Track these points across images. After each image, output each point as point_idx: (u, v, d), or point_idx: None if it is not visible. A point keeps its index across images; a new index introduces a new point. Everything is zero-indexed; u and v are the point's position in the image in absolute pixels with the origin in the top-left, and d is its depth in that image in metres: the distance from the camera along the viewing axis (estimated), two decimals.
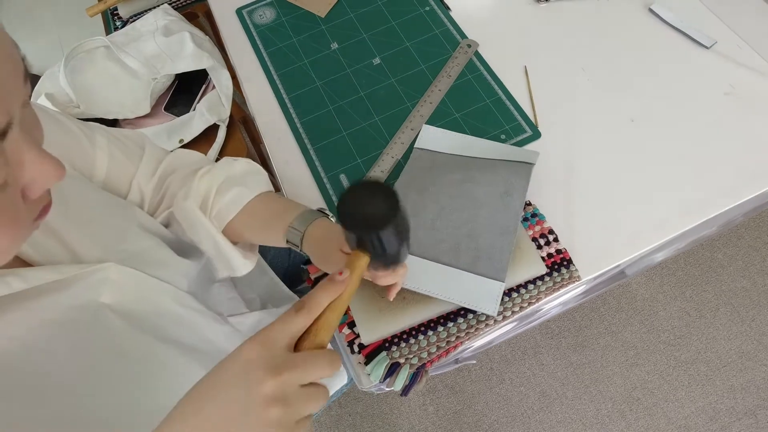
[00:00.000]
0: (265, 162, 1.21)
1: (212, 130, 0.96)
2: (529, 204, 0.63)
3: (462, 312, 0.57)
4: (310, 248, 0.49)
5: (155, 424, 0.30)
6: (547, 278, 0.59)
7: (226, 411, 0.29)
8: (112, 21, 1.08)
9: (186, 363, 0.46)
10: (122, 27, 1.04)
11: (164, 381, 0.44)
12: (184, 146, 0.94)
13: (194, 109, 0.96)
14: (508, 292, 0.58)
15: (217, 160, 0.62)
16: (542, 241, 0.61)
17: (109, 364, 0.40)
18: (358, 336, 0.57)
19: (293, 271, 0.85)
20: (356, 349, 0.57)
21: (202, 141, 0.96)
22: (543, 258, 0.60)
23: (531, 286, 0.58)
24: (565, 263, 0.59)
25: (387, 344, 0.56)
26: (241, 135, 1.03)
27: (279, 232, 0.51)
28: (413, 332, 0.57)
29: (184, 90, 0.99)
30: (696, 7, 0.77)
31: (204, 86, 0.99)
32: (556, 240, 0.61)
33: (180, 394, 0.31)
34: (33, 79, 1.00)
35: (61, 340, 0.38)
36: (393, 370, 0.55)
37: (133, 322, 0.43)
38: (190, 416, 0.29)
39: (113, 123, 0.97)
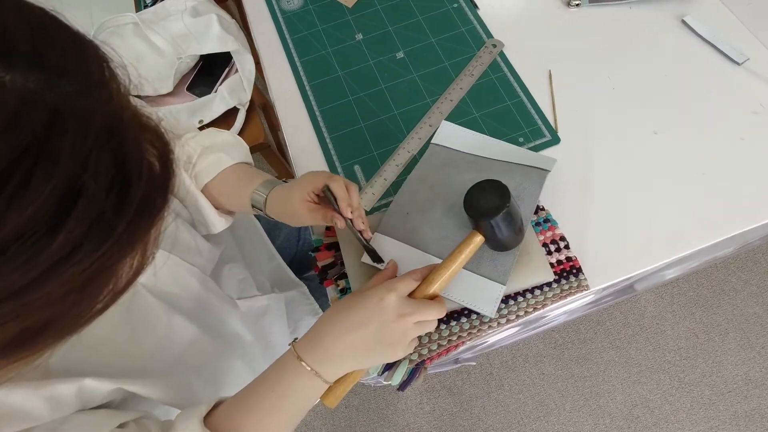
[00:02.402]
0: (282, 150, 1.22)
1: (232, 113, 0.97)
2: (543, 209, 0.62)
3: (466, 312, 0.57)
4: (273, 209, 0.53)
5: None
6: (554, 285, 0.58)
7: (367, 331, 0.43)
8: None
9: (206, 341, 0.53)
10: (152, 5, 1.05)
11: (186, 356, 0.51)
12: (202, 127, 0.95)
13: (216, 91, 0.96)
14: (513, 296, 0.57)
15: None
16: (553, 247, 0.60)
17: (144, 334, 0.47)
18: None
19: (300, 258, 0.85)
20: None
21: (221, 123, 0.97)
22: (552, 264, 0.59)
23: (537, 292, 0.58)
24: (574, 271, 0.59)
25: None
26: (260, 121, 1.03)
27: (245, 197, 0.54)
28: None
29: (208, 71, 1.00)
30: (731, 21, 0.75)
31: (227, 69, 1.00)
32: (567, 247, 0.60)
33: (199, 369, 0.43)
34: None
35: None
36: (392, 364, 0.55)
37: (166, 301, 0.48)
38: (340, 335, 0.43)
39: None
